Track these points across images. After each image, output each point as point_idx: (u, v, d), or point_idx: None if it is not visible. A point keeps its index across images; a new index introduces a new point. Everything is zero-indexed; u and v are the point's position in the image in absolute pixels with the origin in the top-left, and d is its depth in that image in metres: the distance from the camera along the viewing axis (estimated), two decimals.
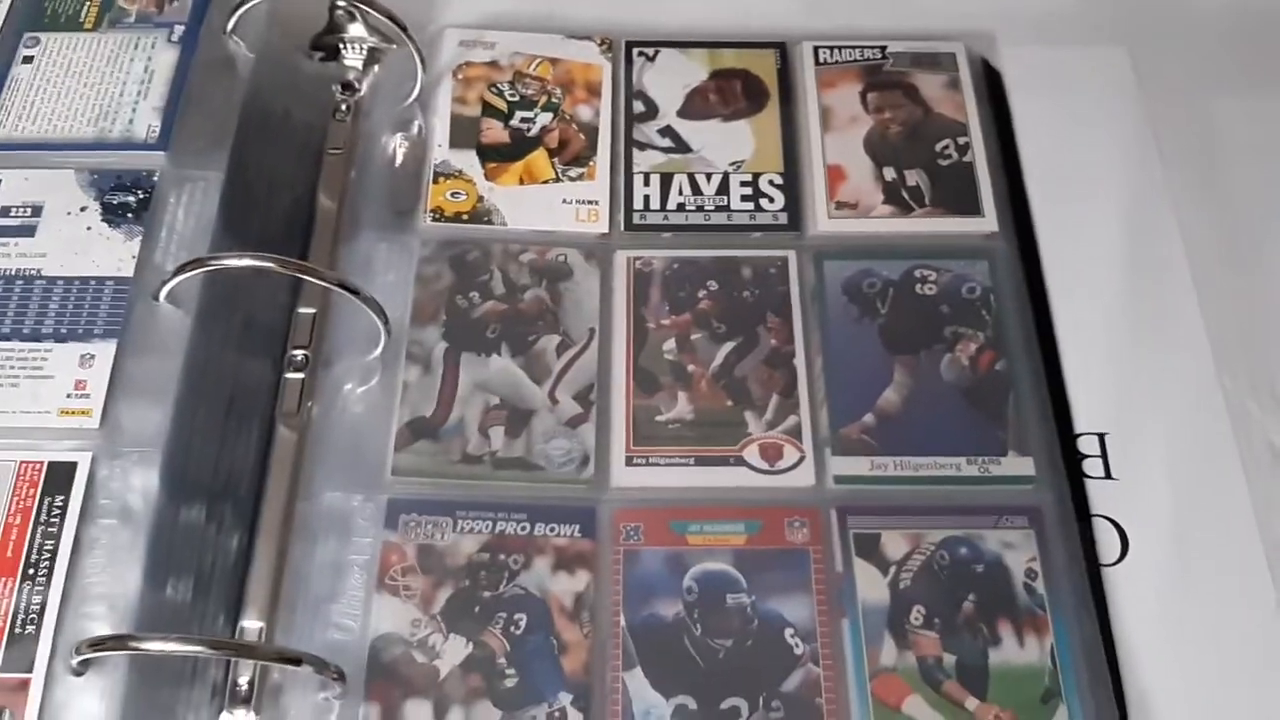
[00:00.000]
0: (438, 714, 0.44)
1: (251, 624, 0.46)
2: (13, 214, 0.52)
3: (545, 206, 0.56)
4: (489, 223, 0.56)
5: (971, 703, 0.45)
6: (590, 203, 0.57)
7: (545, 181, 0.57)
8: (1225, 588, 0.48)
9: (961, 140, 0.58)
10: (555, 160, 0.58)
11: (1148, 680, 0.46)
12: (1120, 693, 0.46)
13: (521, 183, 0.57)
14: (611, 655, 0.46)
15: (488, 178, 0.57)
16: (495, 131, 0.58)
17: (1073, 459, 0.51)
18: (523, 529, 0.48)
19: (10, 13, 0.58)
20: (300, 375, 0.51)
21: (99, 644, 0.41)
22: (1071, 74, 0.61)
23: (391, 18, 0.56)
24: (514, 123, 0.59)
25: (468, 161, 0.57)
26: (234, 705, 0.44)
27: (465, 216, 0.56)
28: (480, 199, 0.56)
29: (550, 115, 0.59)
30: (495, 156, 0.58)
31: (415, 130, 0.58)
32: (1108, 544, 0.49)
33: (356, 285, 0.49)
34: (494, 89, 0.60)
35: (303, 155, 0.56)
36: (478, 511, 0.48)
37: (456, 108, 0.59)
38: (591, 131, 0.59)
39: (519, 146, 0.58)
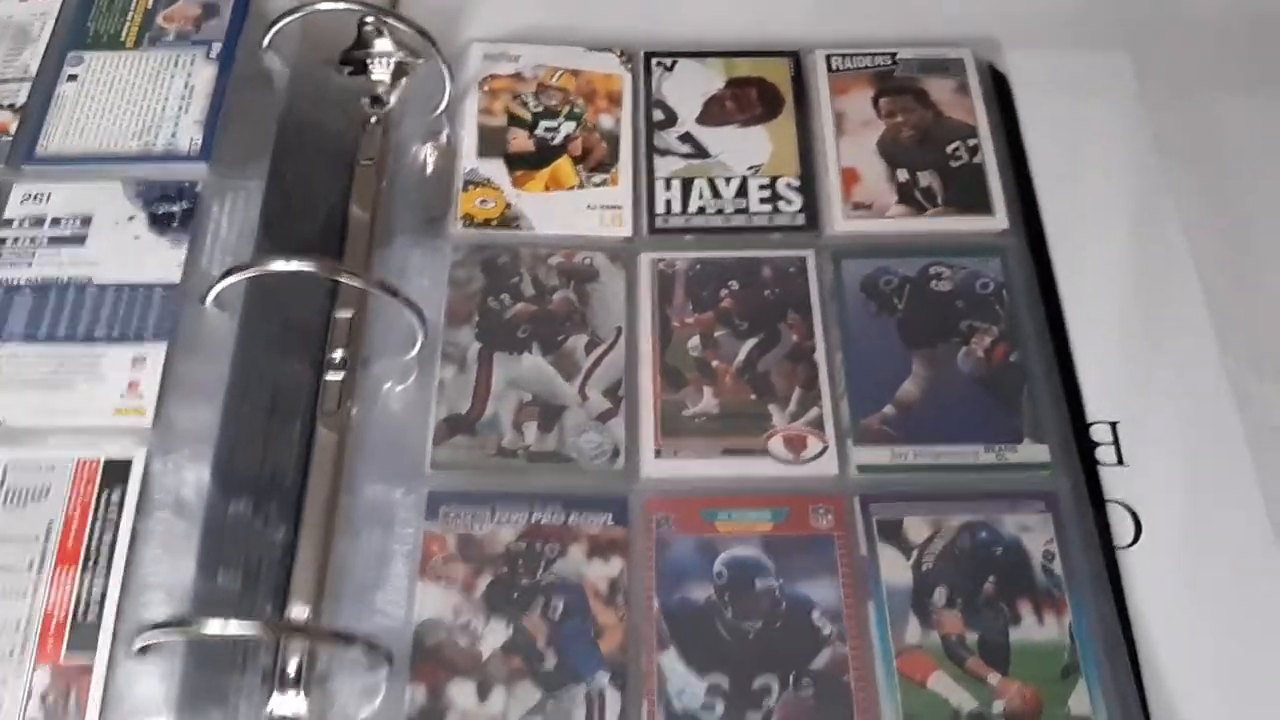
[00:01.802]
0: (481, 694, 0.46)
1: (298, 612, 0.47)
2: (64, 224, 0.54)
3: (571, 212, 0.58)
4: (517, 228, 0.58)
5: (994, 677, 0.47)
6: (614, 208, 0.59)
7: (570, 188, 0.59)
8: (1235, 567, 0.49)
9: (971, 142, 0.60)
10: (579, 167, 0.60)
11: (1163, 656, 0.48)
12: (1137, 668, 0.47)
13: (547, 189, 0.59)
14: (646, 637, 0.47)
15: (515, 185, 0.59)
16: (521, 141, 0.60)
17: (1086, 446, 0.52)
18: (558, 518, 0.50)
19: (55, 33, 0.60)
20: (339, 376, 0.53)
21: (160, 627, 0.43)
22: (1074, 77, 0.63)
23: (421, 32, 0.58)
24: (539, 132, 0.61)
25: (496, 170, 0.59)
26: (284, 688, 0.46)
27: (494, 222, 0.58)
28: (508, 205, 0.58)
29: (573, 124, 0.61)
30: (522, 165, 0.60)
31: (444, 140, 0.60)
32: (1122, 528, 0.50)
33: (395, 286, 0.51)
34: (519, 100, 0.62)
35: (336, 166, 0.58)
36: (514, 502, 0.50)
37: (483, 119, 0.61)
38: (613, 139, 0.61)
39: (544, 155, 0.60)
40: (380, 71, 0.62)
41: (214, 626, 0.43)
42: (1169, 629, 0.48)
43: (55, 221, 0.54)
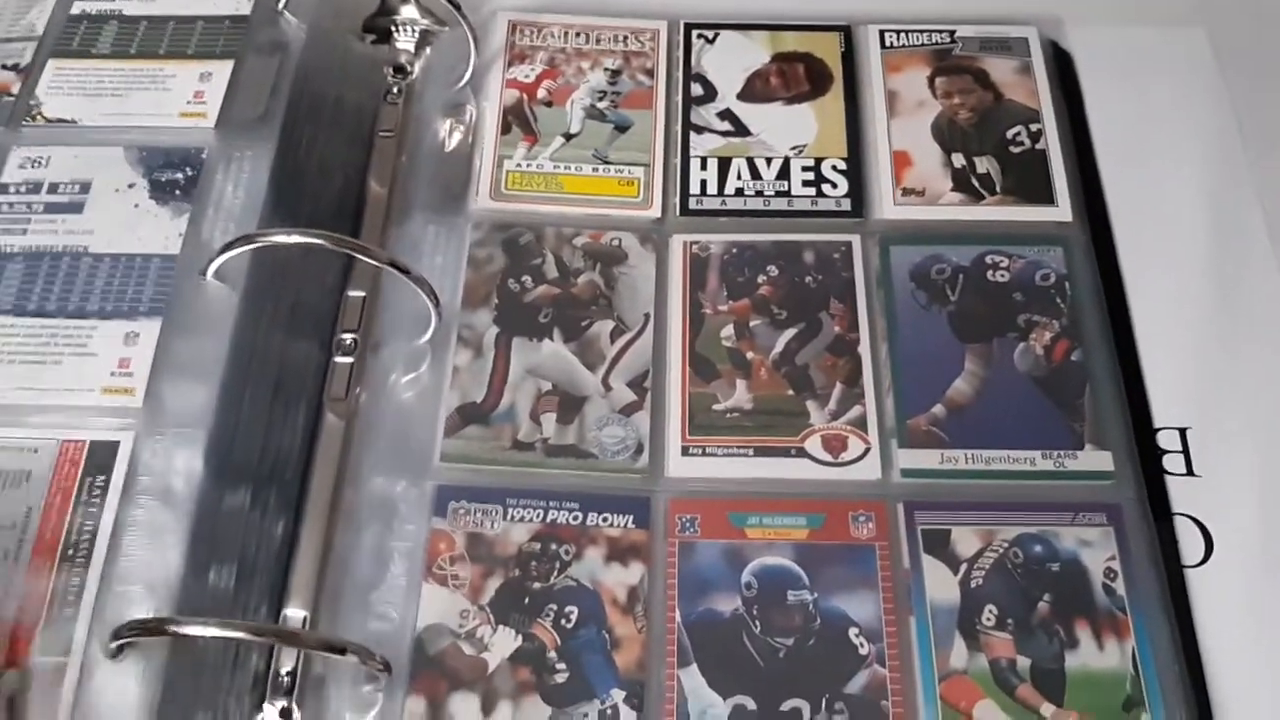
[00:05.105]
0: (485, 708, 0.43)
1: (295, 612, 0.44)
2: (61, 190, 0.51)
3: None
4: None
5: (1048, 709, 0.43)
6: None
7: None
8: None
9: (1034, 127, 0.56)
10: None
11: (1235, 689, 0.43)
12: (1206, 701, 0.43)
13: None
14: (666, 651, 0.44)
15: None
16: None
17: (1152, 454, 0.48)
18: (575, 518, 0.46)
19: None
20: (349, 359, 0.49)
21: (138, 627, 0.40)
22: (1146, 55, 0.59)
23: None
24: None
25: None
26: (275, 695, 0.42)
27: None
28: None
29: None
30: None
31: (467, 113, 0.57)
32: (1190, 544, 0.46)
33: (407, 265, 0.48)
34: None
35: (354, 137, 0.55)
36: (529, 500, 0.47)
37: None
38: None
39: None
40: (404, 40, 0.59)
41: (196, 628, 0.40)
42: (1242, 658, 0.44)
43: (53, 187, 0.51)
